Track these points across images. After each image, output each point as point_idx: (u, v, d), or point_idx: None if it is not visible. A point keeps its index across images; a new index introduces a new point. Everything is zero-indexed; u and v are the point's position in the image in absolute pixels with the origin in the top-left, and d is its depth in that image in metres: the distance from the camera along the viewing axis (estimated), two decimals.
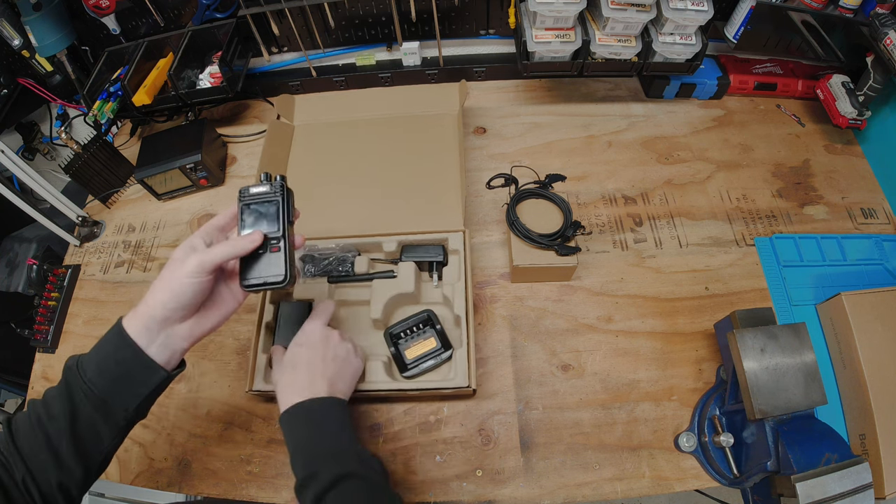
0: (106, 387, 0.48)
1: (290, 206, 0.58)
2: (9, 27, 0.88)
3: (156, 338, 0.50)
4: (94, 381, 0.48)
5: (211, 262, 0.50)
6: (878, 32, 0.78)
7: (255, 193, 0.56)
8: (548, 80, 1.08)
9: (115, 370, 0.49)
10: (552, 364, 0.76)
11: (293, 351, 0.63)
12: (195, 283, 0.50)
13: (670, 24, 0.85)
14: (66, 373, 0.50)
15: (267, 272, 0.54)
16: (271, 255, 0.55)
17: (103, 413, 0.48)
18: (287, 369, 0.61)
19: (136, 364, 0.49)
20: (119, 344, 0.49)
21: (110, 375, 0.49)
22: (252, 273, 0.55)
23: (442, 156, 0.88)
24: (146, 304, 0.50)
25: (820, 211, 0.89)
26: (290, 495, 0.69)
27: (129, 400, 0.50)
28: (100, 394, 0.48)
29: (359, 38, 1.05)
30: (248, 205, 0.56)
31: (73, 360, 0.50)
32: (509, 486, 0.68)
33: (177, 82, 0.94)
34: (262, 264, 0.55)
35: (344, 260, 0.79)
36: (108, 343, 0.50)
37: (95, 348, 0.51)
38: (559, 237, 0.77)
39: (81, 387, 0.48)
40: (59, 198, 0.89)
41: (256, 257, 0.55)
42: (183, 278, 0.49)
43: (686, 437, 0.68)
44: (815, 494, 0.52)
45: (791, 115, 1.01)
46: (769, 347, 0.59)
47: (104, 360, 0.49)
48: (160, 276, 0.51)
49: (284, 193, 0.57)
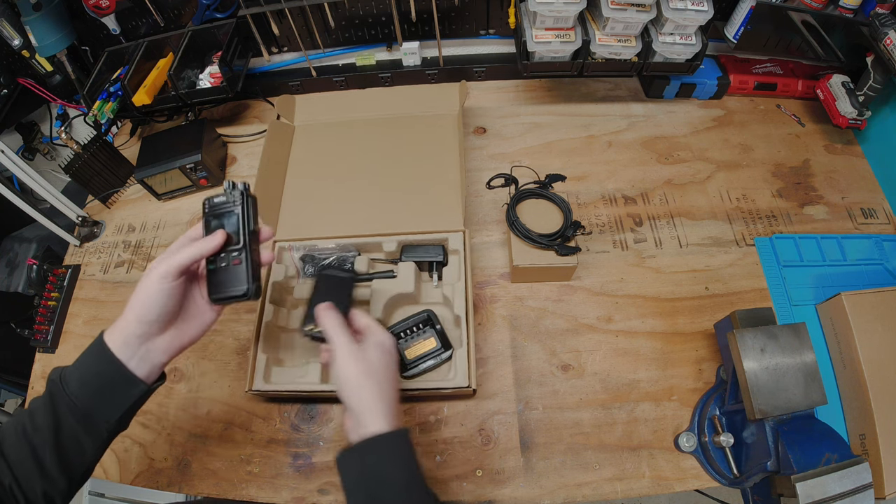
0: (88, 400, 0.49)
1: (251, 214, 0.56)
2: (9, 27, 0.88)
3: (136, 352, 0.51)
4: (76, 395, 0.49)
5: (176, 265, 0.50)
6: (878, 32, 0.78)
7: (217, 203, 0.55)
8: (548, 80, 1.08)
9: (96, 384, 0.50)
10: (552, 364, 0.76)
11: (377, 356, 0.55)
12: (164, 290, 0.50)
13: (670, 24, 0.85)
14: (50, 385, 0.50)
15: (230, 285, 0.54)
16: (234, 268, 0.54)
17: (86, 425, 0.49)
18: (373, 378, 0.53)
19: (117, 378, 0.50)
20: (100, 358, 0.50)
21: (92, 389, 0.49)
22: (216, 286, 0.54)
23: (442, 156, 0.88)
24: (124, 319, 0.51)
25: (820, 211, 0.89)
26: (290, 495, 0.69)
27: (111, 413, 0.50)
28: (82, 407, 0.49)
29: (359, 38, 1.05)
30: (211, 214, 0.55)
31: (57, 373, 0.51)
32: (509, 486, 0.68)
33: (177, 82, 0.94)
34: (227, 276, 0.54)
35: (344, 260, 0.79)
36: (89, 357, 0.51)
37: (78, 362, 0.51)
38: (559, 237, 0.77)
39: (64, 399, 0.49)
40: (59, 198, 0.89)
41: (220, 270, 0.54)
42: (151, 286, 0.50)
43: (686, 437, 0.68)
44: (815, 494, 0.52)
45: (791, 115, 1.01)
46: (769, 347, 0.59)
47: (86, 374, 0.50)
48: (136, 287, 0.51)
49: (245, 202, 0.55)
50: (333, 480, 0.69)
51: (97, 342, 0.51)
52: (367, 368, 0.53)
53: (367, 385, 0.52)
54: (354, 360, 0.53)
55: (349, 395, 0.52)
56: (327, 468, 0.70)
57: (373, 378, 0.53)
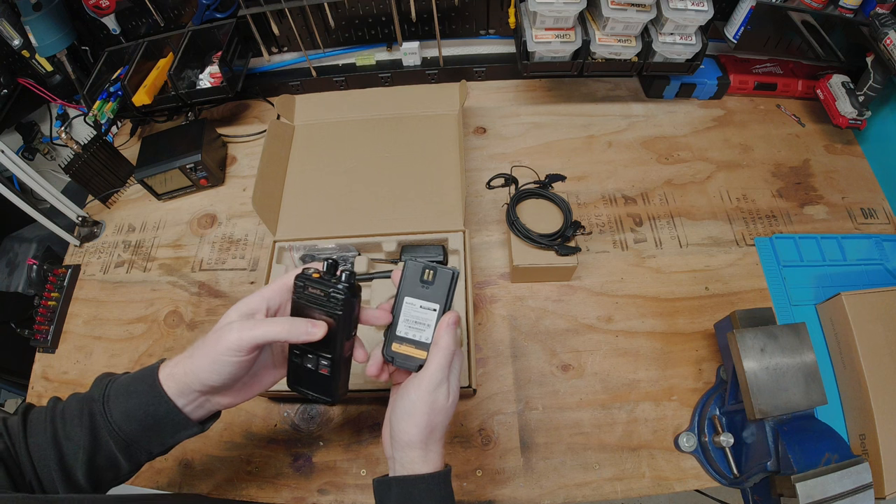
0: (132, 433, 0.46)
1: (351, 318, 0.46)
2: (9, 27, 0.88)
3: (192, 401, 0.48)
4: (120, 426, 0.46)
5: (251, 342, 0.44)
6: (878, 32, 0.78)
7: (311, 293, 0.45)
8: (548, 80, 1.08)
9: (145, 420, 0.47)
10: (552, 364, 0.76)
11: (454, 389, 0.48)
12: (234, 363, 0.45)
13: (670, 24, 0.85)
14: (92, 405, 0.47)
15: (313, 385, 0.47)
16: (320, 374, 0.47)
17: (126, 452, 0.47)
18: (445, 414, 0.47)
19: (168, 420, 0.47)
20: (153, 398, 0.47)
21: (140, 424, 0.47)
22: (298, 377, 0.48)
23: (442, 156, 0.88)
24: (185, 371, 0.46)
25: (820, 211, 0.89)
26: (291, 495, 0.69)
27: (155, 447, 0.48)
28: (125, 438, 0.46)
29: (359, 38, 1.05)
30: (304, 300, 0.46)
31: (100, 391, 0.47)
32: (509, 486, 0.68)
33: (177, 82, 0.94)
34: (311, 375, 0.47)
35: (344, 260, 0.79)
36: (140, 393, 0.47)
37: (125, 392, 0.47)
38: (559, 237, 0.77)
39: (106, 427, 0.46)
40: (59, 198, 0.89)
41: (305, 368, 0.48)
42: (221, 356, 0.44)
43: (686, 437, 0.68)
44: (815, 494, 0.52)
45: (791, 115, 1.01)
46: (769, 347, 0.59)
47: (135, 409, 0.47)
48: (206, 338, 0.46)
49: (348, 298, 0.45)
50: (333, 480, 0.69)
51: (151, 377, 0.47)
52: (444, 402, 0.46)
53: (439, 421, 0.46)
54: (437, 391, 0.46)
55: (414, 423, 0.46)
56: (327, 468, 0.70)
57: (444, 413, 0.47)
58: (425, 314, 0.48)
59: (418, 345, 0.48)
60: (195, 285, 0.87)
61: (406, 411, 0.46)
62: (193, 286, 0.87)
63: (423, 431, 0.46)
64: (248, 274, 0.87)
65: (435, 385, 0.46)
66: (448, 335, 0.47)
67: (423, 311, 0.48)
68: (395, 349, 0.48)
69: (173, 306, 0.86)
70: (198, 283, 0.88)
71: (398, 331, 0.49)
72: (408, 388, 0.47)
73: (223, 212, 0.96)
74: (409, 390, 0.47)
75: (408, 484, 0.46)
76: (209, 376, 0.45)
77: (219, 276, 0.88)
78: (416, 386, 0.46)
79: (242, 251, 0.90)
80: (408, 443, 0.46)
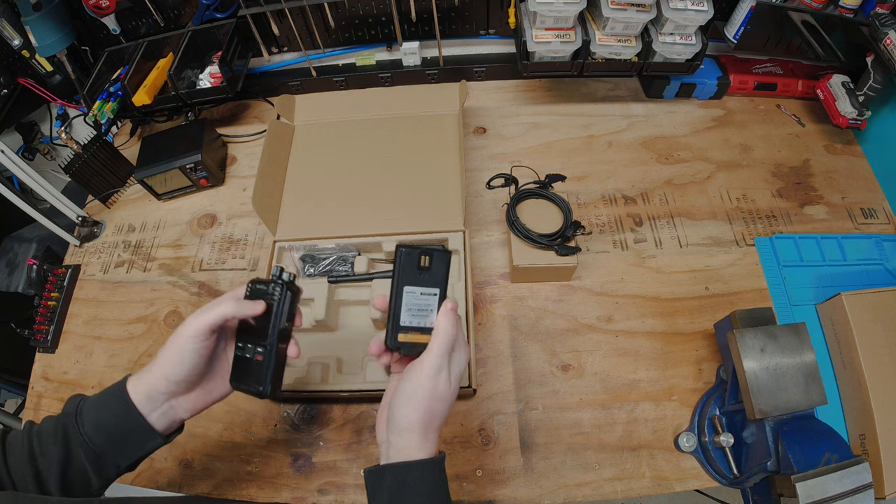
0: (101, 444, 0.49)
1: (284, 311, 0.51)
2: (9, 27, 0.88)
3: (158, 407, 0.50)
4: (90, 436, 0.48)
5: (208, 324, 0.48)
6: (878, 32, 0.78)
7: (258, 289, 0.51)
8: (548, 80, 1.08)
9: (112, 431, 0.49)
10: (552, 364, 0.76)
11: (456, 377, 0.48)
12: (194, 349, 0.49)
13: (670, 24, 0.85)
14: (65, 418, 0.50)
15: (249, 378, 0.51)
16: (255, 362, 0.51)
17: (96, 465, 0.49)
18: (445, 401, 0.47)
19: (134, 430, 0.50)
20: (120, 407, 0.49)
21: (107, 435, 0.49)
22: (238, 373, 0.52)
23: (442, 156, 0.88)
24: (151, 373, 0.50)
25: (820, 211, 0.89)
26: (290, 495, 0.69)
27: (123, 459, 0.50)
28: (95, 448, 0.48)
29: (359, 38, 1.05)
30: (252, 297, 0.52)
31: (73, 406, 0.50)
32: (509, 486, 0.68)
33: (177, 82, 0.94)
34: (248, 368, 0.51)
35: (344, 260, 0.79)
36: (109, 401, 0.50)
37: (97, 404, 0.50)
38: (559, 237, 0.77)
39: (77, 438, 0.48)
40: (59, 198, 0.89)
41: (244, 359, 0.51)
42: (182, 344, 0.48)
43: (686, 437, 0.68)
44: (815, 494, 0.52)
45: (791, 115, 1.01)
46: (769, 347, 0.59)
47: (104, 419, 0.49)
48: (167, 341, 0.50)
49: (283, 295, 0.51)
50: (333, 480, 0.69)
51: (119, 389, 0.50)
52: (445, 389, 0.47)
53: (438, 409, 0.46)
54: (438, 377, 0.46)
55: (408, 410, 0.46)
56: (327, 468, 0.70)
57: (444, 401, 0.47)
58: (427, 300, 0.48)
59: (424, 331, 0.48)
60: (195, 285, 0.87)
61: (407, 396, 0.46)
62: (193, 286, 0.87)
63: (423, 416, 0.46)
64: (248, 274, 0.87)
65: (436, 370, 0.46)
66: (447, 320, 0.47)
67: (425, 298, 0.49)
68: (402, 339, 0.49)
69: (173, 306, 0.86)
70: (198, 283, 0.88)
71: (402, 321, 0.49)
72: (409, 374, 0.47)
73: (223, 212, 0.96)
74: (411, 375, 0.47)
75: (401, 471, 0.46)
76: (172, 370, 0.49)
77: (219, 276, 0.88)
78: (418, 371, 0.46)
79: (242, 251, 0.90)
80: (407, 427, 0.46)
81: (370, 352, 0.51)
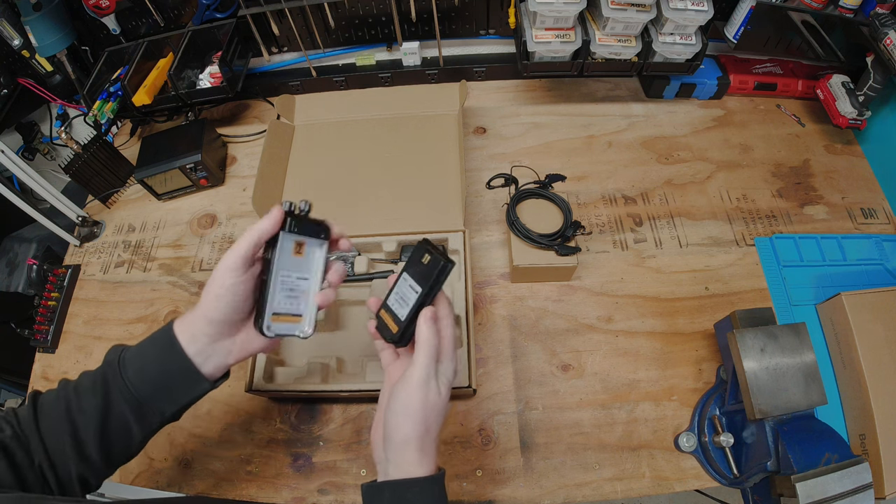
0: (146, 391, 0.47)
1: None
2: (9, 27, 0.88)
3: (203, 349, 0.48)
4: (133, 383, 0.47)
5: (240, 253, 0.46)
6: (878, 32, 0.78)
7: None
8: (548, 80, 1.08)
9: (158, 377, 0.47)
10: (552, 364, 0.76)
11: (446, 387, 0.47)
12: (233, 286, 0.46)
13: (670, 24, 0.85)
14: (106, 368, 0.48)
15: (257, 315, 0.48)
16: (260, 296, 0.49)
17: (138, 414, 0.47)
18: (437, 412, 0.46)
19: (181, 374, 0.48)
20: (167, 351, 0.48)
21: (153, 381, 0.47)
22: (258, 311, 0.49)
23: (442, 156, 0.88)
24: (194, 315, 0.48)
25: (820, 211, 0.89)
26: (291, 495, 0.69)
27: (167, 406, 0.48)
28: (137, 396, 0.47)
29: (359, 38, 1.05)
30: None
31: (115, 355, 0.48)
32: (509, 486, 0.68)
33: (177, 82, 0.94)
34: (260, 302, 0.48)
35: (344, 260, 0.79)
36: (154, 347, 0.48)
37: (140, 350, 0.49)
38: (559, 237, 0.77)
39: (119, 385, 0.47)
40: (59, 198, 0.89)
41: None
42: (219, 280, 0.46)
43: (686, 437, 0.68)
44: (815, 494, 0.52)
45: (791, 115, 1.01)
46: (769, 347, 0.59)
47: (149, 365, 0.48)
48: (206, 283, 0.48)
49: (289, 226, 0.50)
50: (333, 480, 0.69)
51: (165, 332, 0.48)
52: (436, 398, 0.46)
53: (433, 420, 0.46)
54: (427, 387, 0.45)
55: (402, 423, 0.45)
56: (327, 468, 0.70)
57: (437, 411, 0.46)
58: (409, 293, 0.49)
59: (395, 319, 0.49)
60: (195, 285, 0.87)
61: (400, 409, 0.46)
62: (193, 286, 0.87)
63: (418, 427, 0.45)
64: None
65: (424, 380, 0.45)
66: (427, 329, 0.47)
67: (409, 290, 0.49)
68: (381, 315, 0.50)
69: (173, 306, 0.86)
70: (198, 283, 0.88)
71: (388, 300, 0.50)
72: (398, 389, 0.47)
73: (223, 212, 0.96)
74: (400, 389, 0.46)
75: (400, 488, 0.44)
76: (211, 309, 0.47)
77: None
78: (407, 384, 0.46)
79: None
80: (403, 440, 0.45)
81: (369, 304, 0.52)
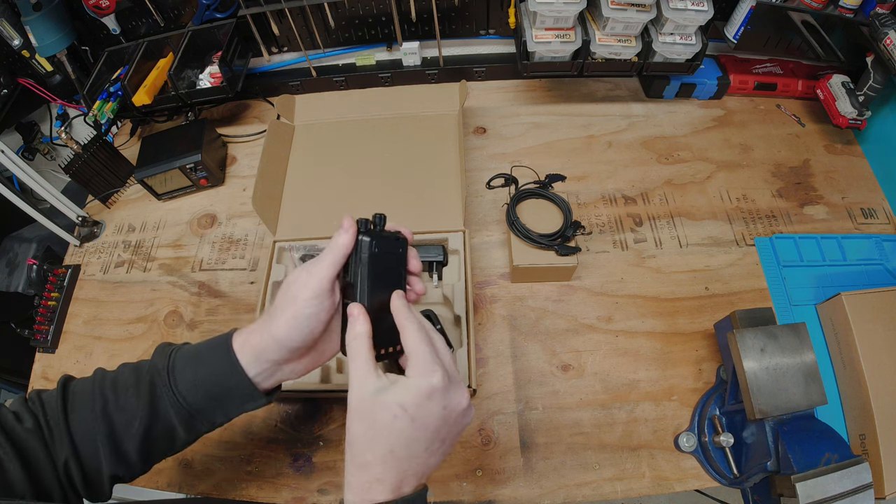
0: (198, 403, 0.45)
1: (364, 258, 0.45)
2: (9, 27, 0.88)
3: (267, 370, 0.46)
4: (185, 396, 0.45)
5: (327, 276, 0.43)
6: (878, 32, 0.78)
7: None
8: (548, 80, 1.08)
9: (212, 390, 0.45)
10: (552, 364, 0.76)
11: (428, 408, 0.40)
12: (314, 314, 0.43)
13: (670, 24, 0.85)
14: (154, 374, 0.45)
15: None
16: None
17: (187, 423, 0.46)
18: (416, 433, 0.40)
19: (236, 388, 0.46)
20: (224, 366, 0.45)
21: (206, 394, 0.45)
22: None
23: (442, 156, 0.88)
24: (262, 335, 0.44)
25: (820, 211, 0.89)
26: (290, 495, 0.69)
27: (220, 417, 0.47)
28: (188, 408, 0.45)
29: (359, 38, 1.05)
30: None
31: (164, 360, 0.46)
32: (509, 486, 0.68)
33: (177, 82, 0.94)
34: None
35: None
36: (211, 362, 0.46)
37: (195, 361, 0.46)
38: (559, 237, 0.77)
39: (169, 397, 0.45)
40: (59, 198, 0.89)
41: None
42: (301, 308, 0.43)
43: (686, 437, 0.68)
44: (815, 494, 0.52)
45: (791, 115, 1.01)
46: (769, 347, 0.59)
47: (203, 378, 0.45)
48: (277, 302, 0.44)
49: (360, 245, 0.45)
50: (333, 480, 0.69)
51: (224, 348, 0.45)
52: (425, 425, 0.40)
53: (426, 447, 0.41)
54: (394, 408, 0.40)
55: (363, 449, 0.40)
56: (327, 468, 0.70)
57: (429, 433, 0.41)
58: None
59: None
60: (195, 285, 0.87)
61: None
62: (193, 286, 0.87)
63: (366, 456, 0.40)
64: (248, 274, 0.87)
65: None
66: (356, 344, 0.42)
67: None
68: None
69: (173, 306, 0.86)
70: (198, 283, 0.88)
71: None
72: None
73: (223, 212, 0.96)
74: None
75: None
76: (288, 336, 0.43)
77: (219, 276, 0.88)
78: None
79: (242, 251, 0.90)
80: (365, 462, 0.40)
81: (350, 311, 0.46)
